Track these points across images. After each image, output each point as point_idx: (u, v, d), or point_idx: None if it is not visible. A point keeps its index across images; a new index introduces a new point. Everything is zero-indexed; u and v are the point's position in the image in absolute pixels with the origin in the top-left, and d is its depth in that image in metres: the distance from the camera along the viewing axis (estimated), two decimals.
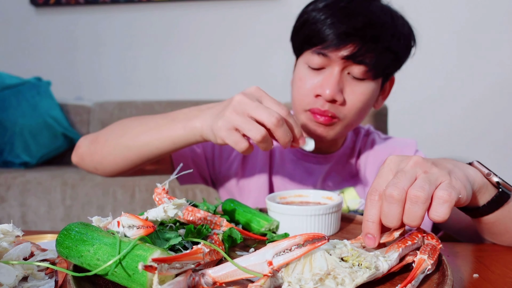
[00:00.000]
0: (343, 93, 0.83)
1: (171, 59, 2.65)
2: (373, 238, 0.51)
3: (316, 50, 0.83)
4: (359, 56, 0.80)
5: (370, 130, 1.08)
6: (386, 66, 0.85)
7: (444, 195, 0.49)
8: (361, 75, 0.83)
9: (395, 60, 0.86)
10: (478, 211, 0.61)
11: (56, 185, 1.99)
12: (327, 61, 0.83)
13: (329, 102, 0.83)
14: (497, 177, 0.59)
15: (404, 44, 0.86)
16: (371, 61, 0.81)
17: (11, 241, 0.52)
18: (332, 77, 0.82)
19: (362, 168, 1.01)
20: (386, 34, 0.81)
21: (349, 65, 0.82)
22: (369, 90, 0.85)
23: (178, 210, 0.51)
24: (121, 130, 0.86)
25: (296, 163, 1.00)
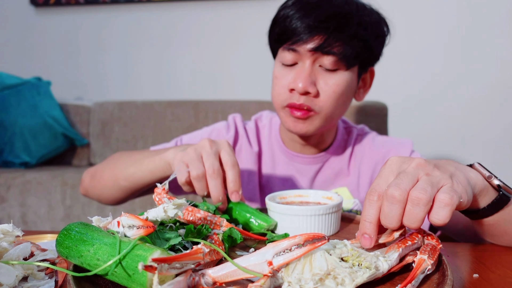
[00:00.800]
0: (316, 85, 0.85)
1: (171, 59, 2.65)
2: (370, 239, 0.51)
3: (286, 46, 0.86)
4: (327, 47, 0.82)
5: (364, 130, 1.08)
6: (356, 55, 0.85)
7: (446, 198, 0.48)
8: (332, 65, 0.84)
9: (366, 48, 0.87)
10: (478, 213, 0.61)
11: (56, 185, 1.99)
12: (297, 56, 0.85)
13: (303, 95, 0.85)
14: (498, 180, 0.59)
15: (373, 33, 0.87)
16: (340, 51, 0.83)
17: (11, 241, 0.52)
18: (303, 70, 0.85)
19: (356, 168, 1.01)
20: (350, 23, 0.83)
21: (319, 57, 0.84)
22: (343, 80, 0.86)
23: (178, 210, 0.51)
24: (113, 164, 0.95)
25: (287, 164, 1.01)
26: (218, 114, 2.21)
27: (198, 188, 0.71)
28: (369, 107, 1.82)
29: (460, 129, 2.44)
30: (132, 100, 2.46)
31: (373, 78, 0.99)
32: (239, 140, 1.05)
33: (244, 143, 1.05)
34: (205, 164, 0.70)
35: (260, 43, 0.98)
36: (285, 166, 1.01)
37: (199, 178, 0.70)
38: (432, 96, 2.45)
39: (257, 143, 1.05)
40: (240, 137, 1.06)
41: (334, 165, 1.01)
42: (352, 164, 1.01)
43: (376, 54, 0.92)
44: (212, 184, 0.70)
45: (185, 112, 2.36)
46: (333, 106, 0.87)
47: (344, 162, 1.01)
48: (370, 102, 1.85)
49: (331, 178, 1.00)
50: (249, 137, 1.06)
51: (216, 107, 2.28)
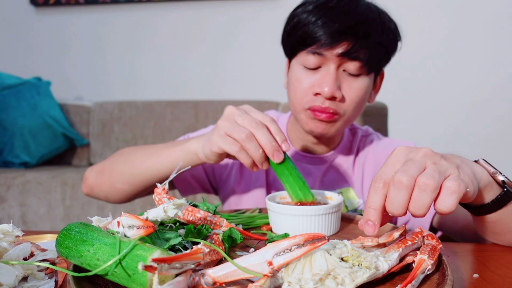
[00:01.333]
0: (340, 89, 0.86)
1: (171, 59, 2.65)
2: (373, 225, 0.51)
3: (311, 50, 0.85)
4: (354, 53, 0.83)
5: (369, 131, 1.09)
6: (379, 61, 0.88)
7: (453, 185, 0.48)
8: (357, 71, 0.85)
9: (386, 54, 0.90)
10: (482, 209, 0.61)
11: (56, 185, 1.99)
12: (322, 60, 0.85)
13: (328, 100, 0.85)
14: (503, 176, 0.59)
15: (393, 38, 0.90)
16: (365, 57, 0.84)
17: (11, 241, 0.52)
18: (329, 74, 0.85)
19: (360, 168, 1.01)
20: (376, 30, 0.85)
21: (344, 62, 0.85)
22: (364, 85, 0.88)
23: (178, 210, 0.51)
24: (124, 159, 0.92)
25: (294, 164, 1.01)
26: (218, 114, 2.21)
27: (252, 149, 0.70)
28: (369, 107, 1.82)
29: (460, 129, 2.44)
30: (132, 100, 2.47)
31: (383, 80, 1.01)
32: None
33: None
34: (245, 124, 0.70)
35: (261, 43, 0.97)
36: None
37: (248, 138, 0.70)
38: (432, 96, 2.45)
39: None
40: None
41: (340, 166, 1.02)
42: (357, 165, 1.02)
43: (390, 58, 0.94)
44: (259, 134, 0.70)
45: (185, 112, 2.36)
46: (355, 110, 0.89)
47: (349, 163, 1.02)
48: None
49: (337, 179, 1.01)
50: None
51: (216, 107, 2.28)
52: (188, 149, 0.81)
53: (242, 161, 0.73)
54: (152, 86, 2.68)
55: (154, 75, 2.67)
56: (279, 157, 0.71)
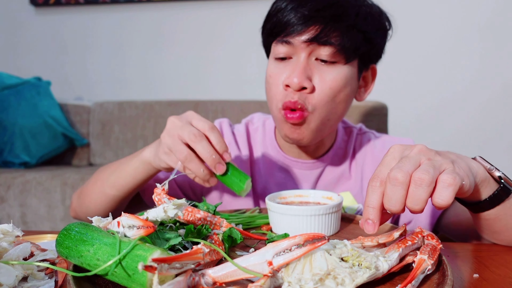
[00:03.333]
0: (312, 80, 0.80)
1: (171, 59, 2.65)
2: (373, 224, 0.52)
3: (280, 39, 0.81)
4: (323, 37, 0.77)
5: (363, 129, 1.03)
6: (355, 47, 0.80)
7: (448, 178, 0.49)
8: (329, 57, 0.79)
9: (365, 41, 0.82)
10: (479, 205, 0.61)
11: (56, 185, 1.99)
12: (292, 49, 0.80)
13: (298, 92, 0.79)
14: (500, 172, 0.59)
15: (373, 25, 0.83)
16: (337, 41, 0.78)
17: (11, 241, 0.52)
18: (298, 64, 0.79)
19: (359, 170, 0.96)
20: (348, 13, 0.79)
21: (315, 48, 0.79)
22: (341, 75, 0.81)
23: (178, 210, 0.51)
24: (96, 177, 0.91)
25: (285, 171, 0.96)
26: (218, 114, 2.21)
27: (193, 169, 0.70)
28: (369, 107, 1.82)
29: (460, 129, 2.44)
30: (132, 100, 2.46)
31: (375, 77, 0.94)
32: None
33: (233, 148, 0.99)
34: (184, 137, 0.70)
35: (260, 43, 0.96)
36: (283, 173, 0.96)
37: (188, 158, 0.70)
38: (432, 96, 2.45)
39: (248, 147, 0.99)
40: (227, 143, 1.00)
41: (335, 169, 0.96)
42: (354, 167, 0.97)
43: (377, 49, 0.87)
44: (199, 148, 0.69)
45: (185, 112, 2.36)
46: (329, 104, 0.81)
47: (345, 166, 0.97)
48: (370, 102, 1.85)
49: (333, 183, 0.96)
50: (238, 142, 1.00)
51: (216, 107, 2.28)
52: (142, 159, 0.80)
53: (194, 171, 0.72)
54: (152, 86, 2.68)
55: (154, 75, 2.67)
56: (221, 169, 0.70)
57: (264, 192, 0.96)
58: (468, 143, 2.43)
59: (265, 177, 0.97)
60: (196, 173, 0.71)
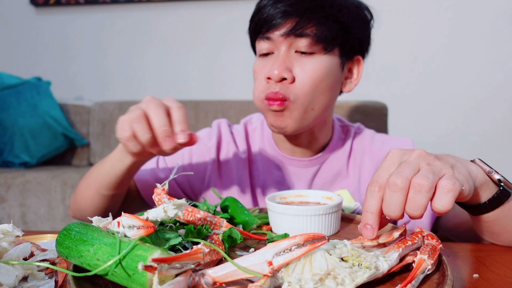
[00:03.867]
0: (292, 71, 0.83)
1: (171, 59, 2.65)
2: (372, 229, 0.51)
3: (261, 36, 0.85)
4: (299, 29, 0.81)
5: (361, 128, 1.04)
6: (333, 37, 0.83)
7: (448, 184, 0.49)
8: (307, 48, 0.82)
9: (344, 31, 0.85)
10: (479, 208, 0.61)
11: (56, 185, 1.99)
12: (273, 45, 0.85)
13: (279, 83, 0.82)
14: (499, 175, 0.59)
15: (350, 15, 0.85)
16: (313, 32, 0.82)
17: (11, 241, 0.52)
18: (278, 57, 0.84)
19: (356, 168, 0.97)
20: (322, 5, 0.83)
21: (293, 41, 0.83)
22: (320, 65, 0.83)
23: (178, 210, 0.51)
24: (85, 176, 0.91)
25: (282, 169, 0.97)
26: (218, 114, 2.21)
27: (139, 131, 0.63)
28: (369, 107, 1.82)
29: (460, 129, 2.44)
30: (132, 100, 2.46)
31: (362, 69, 0.95)
32: (224, 146, 1.00)
33: (231, 148, 1.00)
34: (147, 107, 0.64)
35: None
36: (280, 171, 0.97)
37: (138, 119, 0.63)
38: (432, 96, 2.45)
39: (246, 147, 1.00)
40: (226, 143, 1.00)
41: (332, 167, 0.97)
42: (351, 165, 0.98)
43: (359, 40, 0.89)
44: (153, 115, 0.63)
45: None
46: (310, 93, 0.83)
47: (342, 163, 0.97)
48: (370, 102, 1.85)
49: (330, 181, 0.97)
50: (236, 142, 1.01)
51: (216, 107, 2.28)
52: (118, 148, 0.79)
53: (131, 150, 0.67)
54: (152, 86, 2.68)
55: (154, 75, 2.67)
56: (170, 143, 0.63)
57: (263, 190, 0.97)
58: (468, 143, 2.43)
59: (263, 175, 0.98)
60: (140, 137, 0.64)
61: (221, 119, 1.07)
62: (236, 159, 0.98)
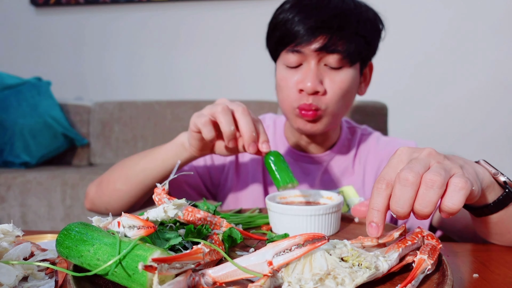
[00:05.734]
0: (323, 84, 0.87)
1: (171, 59, 2.65)
2: (377, 227, 0.50)
3: (290, 48, 0.87)
4: (331, 46, 0.84)
5: (368, 130, 1.09)
6: (359, 51, 0.88)
7: (460, 182, 0.48)
8: (337, 63, 0.86)
9: (366, 44, 0.90)
10: (484, 210, 0.61)
11: (56, 185, 1.99)
12: (302, 57, 0.87)
13: (312, 95, 0.87)
14: (504, 177, 0.59)
15: (371, 28, 0.90)
16: (344, 49, 0.85)
17: (11, 241, 0.52)
18: (309, 70, 0.86)
19: (361, 167, 1.01)
20: (351, 21, 0.85)
21: (324, 56, 0.86)
22: (348, 77, 0.88)
23: (178, 210, 0.51)
24: (121, 166, 0.93)
25: (292, 164, 1.01)
26: None
27: (224, 122, 0.71)
28: (369, 107, 1.82)
29: (460, 129, 2.44)
30: (132, 100, 2.47)
31: (372, 72, 1.01)
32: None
33: None
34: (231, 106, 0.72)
35: (260, 43, 0.98)
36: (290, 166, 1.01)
37: (224, 111, 0.71)
38: (432, 96, 2.45)
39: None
40: None
41: (339, 164, 1.02)
42: (357, 163, 1.02)
43: (374, 48, 0.95)
44: (244, 121, 0.71)
45: (185, 112, 2.36)
46: (339, 103, 0.89)
47: (349, 161, 1.02)
48: (370, 102, 1.85)
49: (337, 177, 1.01)
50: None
51: None
52: (177, 142, 0.83)
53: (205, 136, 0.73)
54: (152, 86, 2.68)
55: (154, 75, 2.68)
56: (254, 148, 0.72)
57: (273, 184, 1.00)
58: (468, 143, 2.43)
59: None
60: (224, 127, 0.71)
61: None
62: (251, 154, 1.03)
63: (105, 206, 0.95)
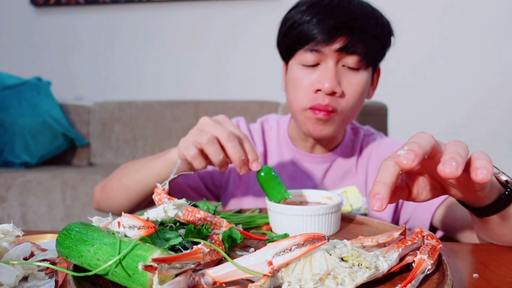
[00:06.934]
0: (340, 85, 0.87)
1: (171, 59, 2.65)
2: (381, 199, 0.44)
3: (309, 47, 0.86)
4: (351, 47, 0.84)
5: (370, 131, 1.10)
6: (375, 54, 0.89)
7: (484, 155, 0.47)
8: (355, 64, 0.86)
9: (382, 48, 0.91)
10: (485, 210, 0.61)
11: (56, 185, 1.99)
12: (320, 57, 0.86)
13: (328, 96, 0.86)
14: (506, 176, 0.59)
15: (387, 33, 0.91)
16: (362, 50, 0.86)
17: (11, 241, 0.52)
18: (328, 70, 0.86)
19: (364, 167, 1.02)
20: (370, 24, 0.86)
21: (343, 57, 0.86)
22: (364, 79, 0.89)
23: (178, 210, 0.51)
24: (121, 173, 0.95)
25: (296, 165, 1.02)
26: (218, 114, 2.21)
27: (212, 152, 0.70)
28: (369, 107, 1.82)
29: (460, 129, 2.44)
30: (132, 100, 2.47)
31: (379, 77, 1.02)
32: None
33: None
34: (216, 132, 0.71)
35: (260, 43, 0.98)
36: (293, 166, 1.02)
37: (210, 142, 0.70)
38: (432, 96, 2.45)
39: (263, 143, 1.06)
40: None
41: (342, 165, 1.02)
42: (360, 164, 1.03)
43: (385, 53, 0.95)
44: (230, 147, 0.70)
45: (185, 112, 2.36)
46: (354, 106, 0.89)
47: (352, 162, 1.03)
48: (370, 102, 1.85)
49: (340, 178, 1.02)
50: (254, 138, 1.07)
51: (216, 107, 2.28)
52: (169, 159, 0.83)
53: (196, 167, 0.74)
54: (152, 86, 2.68)
55: (154, 75, 2.68)
56: (245, 170, 0.73)
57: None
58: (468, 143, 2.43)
59: (278, 170, 1.03)
60: (213, 157, 0.72)
61: (239, 117, 1.12)
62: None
63: (109, 209, 0.98)
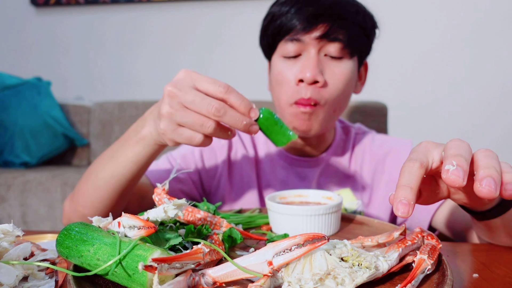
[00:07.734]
0: (323, 74, 0.84)
1: (171, 59, 2.65)
2: (408, 204, 0.42)
3: (289, 37, 0.84)
4: (332, 33, 0.82)
5: (362, 129, 1.06)
6: (359, 43, 0.87)
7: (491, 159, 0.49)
8: (338, 52, 0.84)
9: (365, 36, 0.88)
10: (485, 214, 0.61)
11: (56, 185, 1.99)
12: (302, 46, 0.84)
13: (311, 85, 0.83)
14: None
15: (370, 22, 0.89)
16: (344, 38, 0.83)
17: (11, 241, 0.52)
18: (310, 59, 0.83)
19: (358, 168, 0.99)
20: (351, 11, 0.85)
21: (324, 44, 0.83)
22: (347, 69, 0.86)
23: (178, 210, 0.51)
24: (88, 174, 0.81)
25: (287, 169, 0.99)
26: None
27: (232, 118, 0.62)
28: (369, 107, 1.82)
29: (460, 129, 2.44)
30: (132, 100, 2.46)
31: (367, 72, 1.00)
32: (233, 145, 1.02)
33: (240, 148, 1.01)
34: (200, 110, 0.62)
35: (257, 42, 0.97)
36: (285, 171, 0.99)
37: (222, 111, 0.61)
38: (432, 96, 2.45)
39: (253, 147, 1.03)
40: (234, 142, 1.02)
41: (335, 167, 0.99)
42: (353, 164, 1.00)
43: (370, 44, 0.93)
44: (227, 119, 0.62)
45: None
46: (338, 97, 0.86)
47: (344, 163, 1.00)
48: (370, 102, 1.85)
49: (333, 180, 0.99)
50: (244, 142, 1.03)
51: None
52: (143, 140, 0.71)
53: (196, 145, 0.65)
54: (152, 86, 2.68)
55: (154, 75, 2.68)
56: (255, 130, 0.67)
57: (269, 188, 0.99)
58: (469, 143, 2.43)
59: (269, 175, 1.00)
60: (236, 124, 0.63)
61: None
62: (245, 159, 1.01)
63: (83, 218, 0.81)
